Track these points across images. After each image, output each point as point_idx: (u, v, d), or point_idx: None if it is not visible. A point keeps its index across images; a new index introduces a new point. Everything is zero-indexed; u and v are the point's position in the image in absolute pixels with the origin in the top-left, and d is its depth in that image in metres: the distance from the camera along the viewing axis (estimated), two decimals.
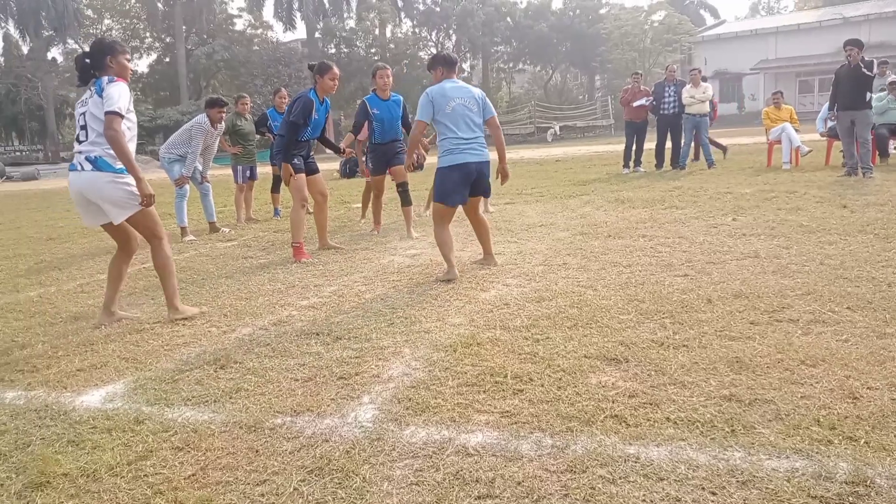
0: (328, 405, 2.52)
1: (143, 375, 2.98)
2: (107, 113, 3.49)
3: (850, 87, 8.62)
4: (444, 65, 4.63)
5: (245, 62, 41.93)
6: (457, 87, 4.54)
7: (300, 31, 46.26)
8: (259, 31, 46.95)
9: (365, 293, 4.25)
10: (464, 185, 4.48)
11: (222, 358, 3.10)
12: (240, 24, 47.14)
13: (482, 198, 4.85)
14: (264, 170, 9.93)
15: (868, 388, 2.36)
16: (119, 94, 3.54)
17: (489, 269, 4.71)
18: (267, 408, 2.52)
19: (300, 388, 2.71)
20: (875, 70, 8.60)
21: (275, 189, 8.94)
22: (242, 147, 8.40)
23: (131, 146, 3.61)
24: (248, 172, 8.56)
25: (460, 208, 4.66)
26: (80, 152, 3.66)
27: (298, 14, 44.09)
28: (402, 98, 6.59)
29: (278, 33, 52.91)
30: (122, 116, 3.52)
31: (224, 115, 7.38)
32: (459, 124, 4.43)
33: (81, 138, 3.66)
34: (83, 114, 3.65)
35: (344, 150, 6.42)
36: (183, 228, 7.30)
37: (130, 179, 3.64)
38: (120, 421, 2.49)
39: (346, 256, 5.58)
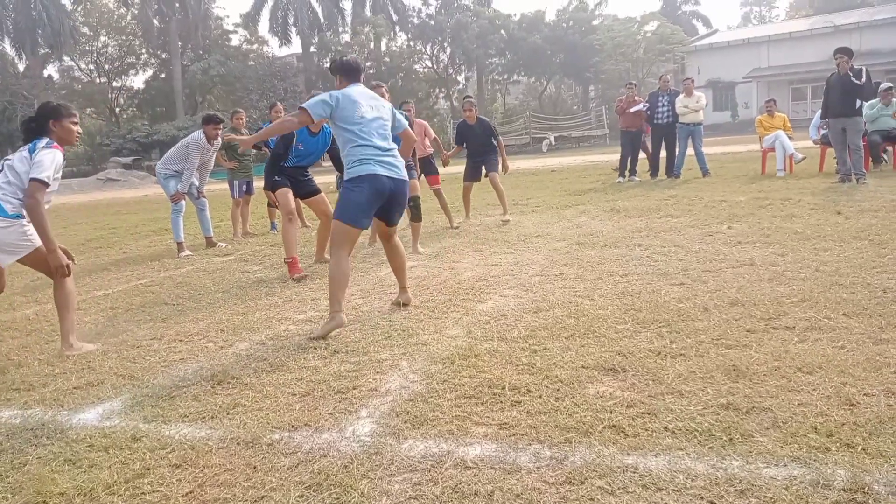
0: (326, 420, 2.52)
1: (139, 392, 2.97)
2: (32, 179, 3.49)
3: (840, 95, 8.68)
4: (342, 72, 3.96)
5: (241, 77, 42.12)
6: (365, 93, 3.93)
7: (295, 46, 46.63)
8: (255, 46, 47.23)
9: (362, 306, 4.25)
10: (374, 202, 3.78)
11: (219, 374, 3.09)
12: (235, 40, 47.43)
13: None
14: (261, 184, 9.94)
15: (865, 394, 2.36)
16: (50, 162, 3.55)
17: (486, 280, 4.70)
18: (264, 423, 2.51)
19: (298, 403, 2.70)
20: (864, 78, 8.64)
21: (271, 203, 8.96)
22: (238, 162, 8.44)
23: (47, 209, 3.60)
24: (244, 187, 8.58)
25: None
26: None
27: (293, 29, 44.38)
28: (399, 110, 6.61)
29: (274, 48, 53.30)
30: (46, 185, 3.53)
31: (220, 132, 7.40)
32: (372, 133, 3.78)
33: None
34: (5, 162, 3.67)
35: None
36: (179, 244, 7.29)
37: (26, 223, 3.59)
38: (117, 438, 2.48)
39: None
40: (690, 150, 11.56)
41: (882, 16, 35.01)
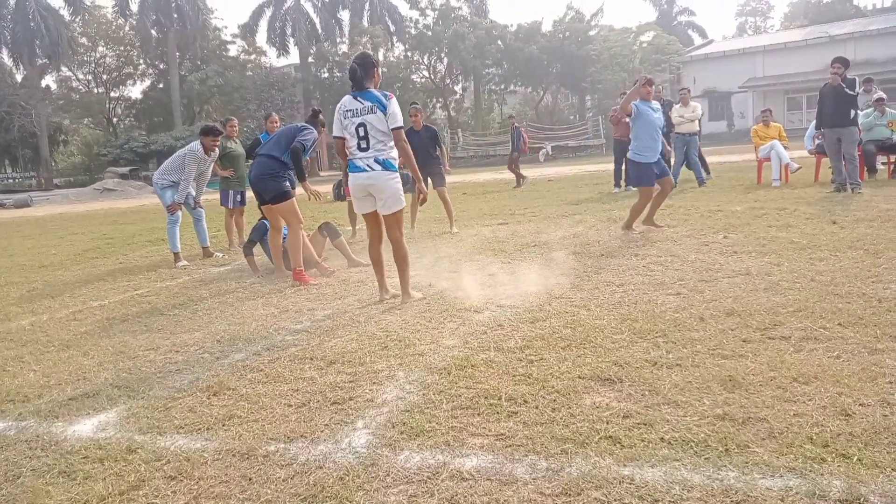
0: (322, 431, 2.51)
1: (135, 404, 2.96)
2: (395, 129, 4.34)
3: (835, 105, 8.73)
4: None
5: (238, 87, 42.21)
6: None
7: (293, 56, 46.75)
8: (252, 56, 47.31)
9: (359, 316, 4.24)
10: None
11: (215, 385, 3.09)
12: (233, 50, 47.53)
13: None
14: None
15: (860, 404, 2.37)
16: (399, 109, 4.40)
17: (482, 290, 4.71)
18: (260, 435, 2.51)
19: (294, 414, 2.70)
20: (858, 88, 8.70)
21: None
22: (234, 171, 8.41)
23: None
24: (238, 197, 8.55)
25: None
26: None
27: (291, 40, 44.54)
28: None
29: (272, 59, 53.33)
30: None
31: (218, 144, 7.42)
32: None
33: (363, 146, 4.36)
34: (362, 125, 4.33)
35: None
36: (175, 254, 7.28)
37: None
38: (112, 450, 2.47)
39: (340, 280, 5.58)
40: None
41: (876, 26, 35.30)
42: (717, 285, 4.26)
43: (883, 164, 10.74)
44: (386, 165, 4.37)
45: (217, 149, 7.45)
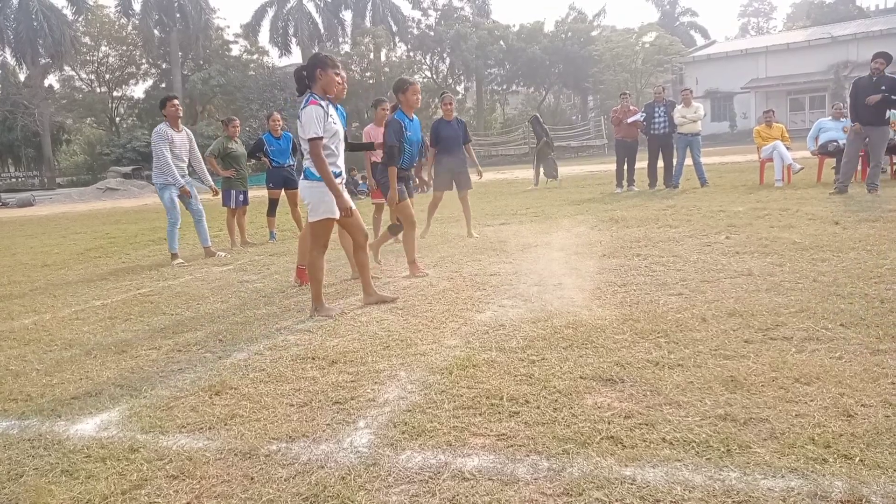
0: (324, 430, 2.52)
1: (137, 403, 2.97)
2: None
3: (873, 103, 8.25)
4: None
5: (241, 87, 42.28)
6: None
7: (296, 56, 46.84)
8: (255, 56, 47.40)
9: (360, 316, 4.25)
10: None
11: (217, 384, 3.09)
12: (236, 50, 47.63)
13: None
14: (260, 193, 9.98)
15: (862, 405, 2.37)
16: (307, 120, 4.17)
17: (484, 290, 4.71)
18: (262, 434, 2.51)
19: (296, 414, 2.70)
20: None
21: (270, 213, 8.96)
22: (235, 171, 8.43)
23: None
24: (240, 197, 8.56)
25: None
26: None
27: (294, 39, 44.63)
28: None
29: (274, 58, 53.28)
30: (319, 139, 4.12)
31: (178, 107, 7.18)
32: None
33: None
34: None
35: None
36: (173, 254, 7.29)
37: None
38: (114, 449, 2.48)
39: (341, 279, 5.59)
40: (689, 161, 11.60)
41: (878, 27, 35.26)
42: (719, 286, 4.25)
43: (887, 164, 10.72)
44: (307, 175, 4.23)
45: (180, 110, 7.22)
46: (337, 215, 4.27)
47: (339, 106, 5.01)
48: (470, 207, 7.74)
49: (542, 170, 15.04)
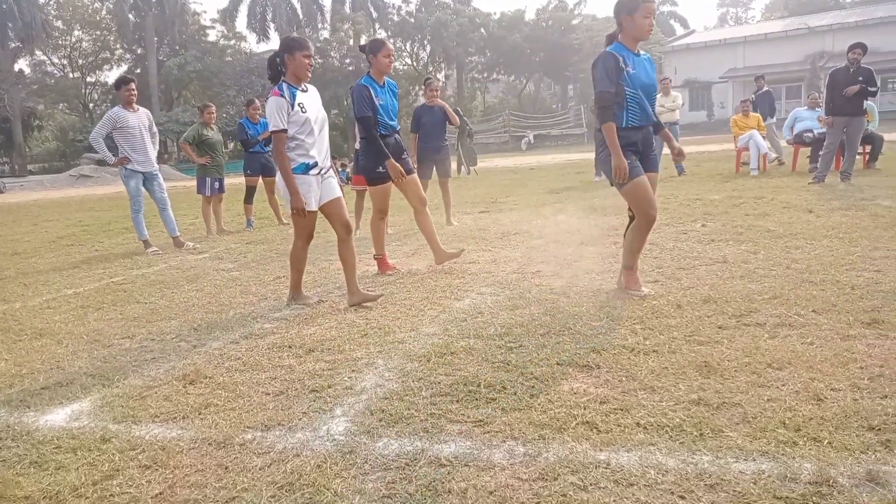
0: (300, 419, 2.50)
1: (110, 392, 2.92)
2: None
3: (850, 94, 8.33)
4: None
5: (218, 73, 41.63)
6: None
7: (274, 42, 46.18)
8: (232, 42, 46.67)
9: (339, 304, 4.22)
10: None
11: (192, 373, 3.05)
12: (212, 35, 46.85)
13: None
14: (238, 180, 9.86)
15: (832, 389, 2.41)
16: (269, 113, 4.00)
17: (463, 278, 4.71)
18: (237, 423, 2.49)
19: (271, 403, 2.68)
20: (877, 84, 8.35)
21: (248, 200, 8.86)
22: (211, 158, 8.30)
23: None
24: (216, 184, 8.43)
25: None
26: None
27: (272, 25, 44.00)
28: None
29: (252, 44, 52.41)
30: (283, 132, 3.94)
31: (133, 92, 6.96)
32: None
33: None
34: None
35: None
36: (144, 241, 7.16)
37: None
38: (85, 440, 2.44)
39: (319, 268, 5.54)
40: (666, 150, 11.66)
41: (853, 18, 35.72)
42: (695, 273, 4.30)
43: (859, 154, 10.89)
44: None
45: (135, 96, 6.99)
46: (314, 207, 4.09)
47: (387, 81, 4.84)
48: (450, 195, 7.73)
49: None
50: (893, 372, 2.51)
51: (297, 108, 3.96)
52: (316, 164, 4.09)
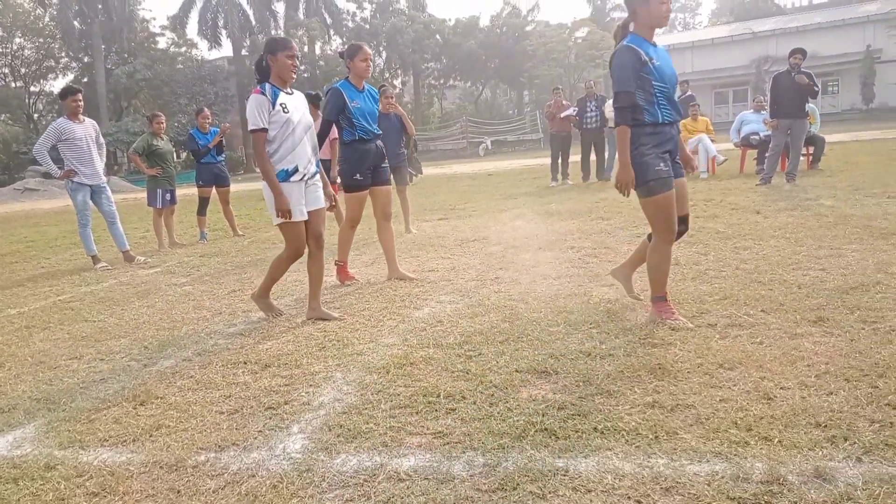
0: (255, 438, 2.44)
1: (55, 416, 2.80)
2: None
3: (791, 95, 8.69)
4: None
5: (168, 81, 40.72)
6: None
7: (226, 49, 45.47)
8: (183, 49, 45.68)
9: (296, 317, 4.15)
10: None
11: (142, 394, 2.96)
12: (162, 43, 45.75)
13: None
14: (190, 191, 9.65)
15: (781, 388, 2.48)
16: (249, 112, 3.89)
17: (422, 286, 4.69)
18: (189, 444, 2.41)
19: (226, 422, 2.61)
20: (817, 81, 8.75)
21: (201, 212, 8.66)
22: (162, 168, 8.09)
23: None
24: (168, 196, 8.21)
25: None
26: None
27: (224, 32, 43.26)
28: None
29: (203, 51, 51.41)
30: (262, 132, 3.83)
31: (80, 103, 6.73)
32: None
33: None
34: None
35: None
36: (93, 257, 6.93)
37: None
38: (28, 469, 2.33)
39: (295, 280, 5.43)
40: None
41: (795, 24, 37.15)
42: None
43: (803, 155, 11.30)
44: None
45: (81, 106, 6.75)
46: (300, 217, 3.92)
47: (367, 87, 4.83)
48: (409, 202, 7.72)
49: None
50: (838, 369, 2.60)
51: (278, 107, 3.83)
52: (297, 170, 3.92)
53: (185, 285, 5.60)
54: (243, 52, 43.59)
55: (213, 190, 8.60)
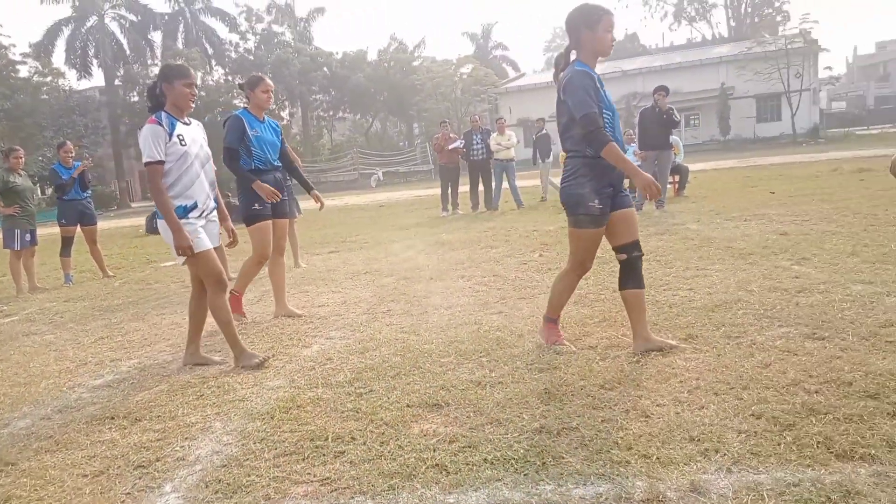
0: (122, 502, 2.22)
1: None
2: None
3: (656, 129, 9.57)
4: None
5: (31, 112, 37.57)
6: None
7: (97, 79, 42.78)
8: (48, 79, 42.39)
9: (171, 364, 3.88)
10: None
11: None
12: (24, 71, 42.21)
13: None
14: (53, 230, 8.90)
15: (657, 405, 2.60)
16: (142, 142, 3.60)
17: (312, 322, 4.55)
18: None
19: (88, 486, 2.36)
20: (678, 115, 9.69)
21: (65, 252, 7.97)
22: (20, 207, 7.39)
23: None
24: (27, 236, 7.51)
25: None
26: None
27: (95, 61, 40.77)
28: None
29: (72, 81, 47.72)
30: (159, 164, 3.53)
31: None
32: None
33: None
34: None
35: None
36: None
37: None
38: None
39: (150, 324, 5.09)
40: (506, 185, 12.33)
41: (658, 63, 40.52)
42: (535, 301, 4.50)
43: (669, 183, 12.23)
44: (156, 214, 3.70)
45: None
46: (203, 247, 3.59)
47: (268, 119, 4.75)
48: (297, 236, 7.54)
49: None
50: (708, 383, 2.77)
51: (175, 138, 3.55)
52: (196, 206, 3.66)
53: (46, 334, 5.09)
54: (116, 81, 41.24)
55: (79, 228, 7.96)
